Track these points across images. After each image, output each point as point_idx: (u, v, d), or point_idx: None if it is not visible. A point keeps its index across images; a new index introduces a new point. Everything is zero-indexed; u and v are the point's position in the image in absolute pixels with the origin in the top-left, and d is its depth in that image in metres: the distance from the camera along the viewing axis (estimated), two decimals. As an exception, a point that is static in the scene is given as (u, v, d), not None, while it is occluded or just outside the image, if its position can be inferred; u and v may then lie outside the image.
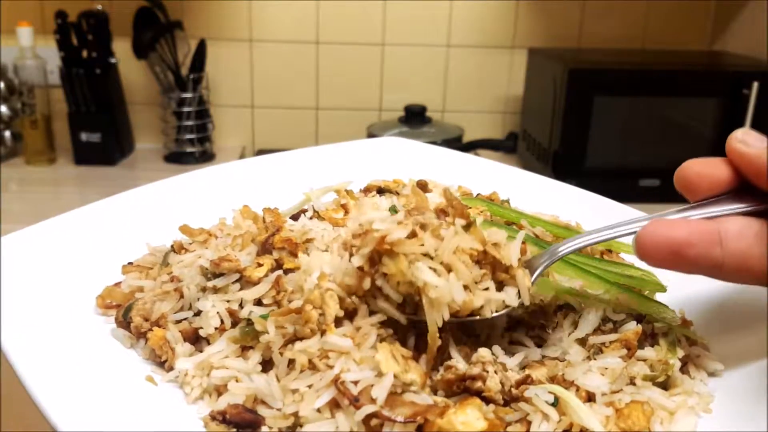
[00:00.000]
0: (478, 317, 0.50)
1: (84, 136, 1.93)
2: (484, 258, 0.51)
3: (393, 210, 0.67)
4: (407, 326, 0.52)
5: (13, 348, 0.50)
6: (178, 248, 0.67)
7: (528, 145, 2.04)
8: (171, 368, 0.54)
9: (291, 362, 0.50)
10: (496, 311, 0.50)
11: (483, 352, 0.50)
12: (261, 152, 2.18)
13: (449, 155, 0.97)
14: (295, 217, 0.68)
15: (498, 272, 0.51)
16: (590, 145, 1.75)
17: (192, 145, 2.02)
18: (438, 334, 0.49)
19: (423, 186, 0.75)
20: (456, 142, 1.96)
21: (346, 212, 0.67)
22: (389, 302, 0.50)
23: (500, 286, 0.51)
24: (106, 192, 1.90)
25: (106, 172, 1.92)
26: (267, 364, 0.52)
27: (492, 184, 0.81)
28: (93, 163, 1.95)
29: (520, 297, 0.51)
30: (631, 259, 0.66)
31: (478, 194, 0.77)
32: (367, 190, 0.76)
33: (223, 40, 2.10)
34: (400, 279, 0.48)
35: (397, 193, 0.73)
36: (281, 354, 0.50)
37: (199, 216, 0.72)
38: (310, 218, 0.67)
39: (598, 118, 1.73)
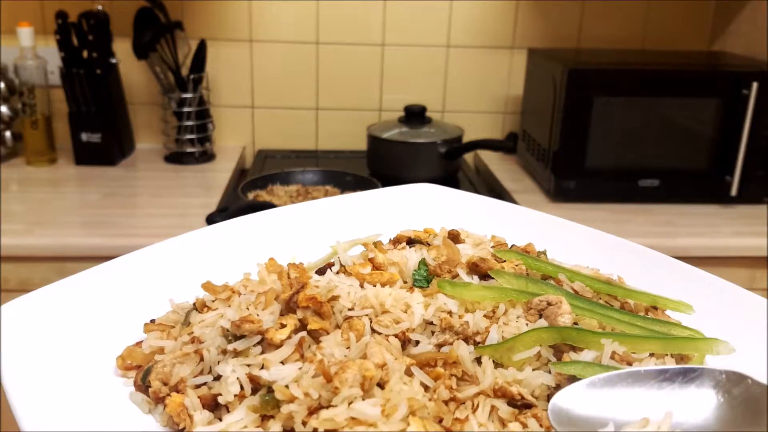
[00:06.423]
0: None
1: (84, 137, 1.93)
2: None
3: (423, 264, 0.65)
4: (444, 403, 0.50)
5: (24, 410, 0.49)
6: (200, 306, 0.65)
7: (528, 145, 2.04)
8: (189, 436, 0.52)
9: None
10: None
11: (513, 427, 0.48)
12: (261, 152, 2.19)
13: (483, 202, 0.93)
14: (321, 272, 0.66)
15: None
16: (590, 146, 1.75)
17: (192, 145, 2.02)
18: None
19: (455, 236, 0.72)
20: (456, 143, 1.96)
21: (374, 267, 0.65)
22: None
23: None
24: (107, 192, 1.90)
25: (107, 172, 1.92)
26: None
27: (528, 234, 0.77)
28: (93, 164, 1.95)
29: None
30: (678, 316, 0.63)
31: (513, 245, 0.73)
32: (396, 241, 0.73)
33: (223, 40, 2.10)
34: None
35: (428, 244, 0.70)
36: (304, 424, 0.48)
37: (225, 269, 0.70)
38: (337, 273, 0.65)
39: (598, 118, 1.73)
